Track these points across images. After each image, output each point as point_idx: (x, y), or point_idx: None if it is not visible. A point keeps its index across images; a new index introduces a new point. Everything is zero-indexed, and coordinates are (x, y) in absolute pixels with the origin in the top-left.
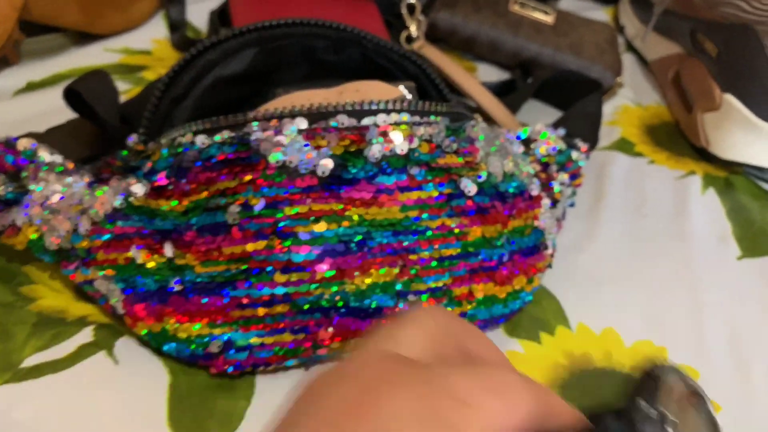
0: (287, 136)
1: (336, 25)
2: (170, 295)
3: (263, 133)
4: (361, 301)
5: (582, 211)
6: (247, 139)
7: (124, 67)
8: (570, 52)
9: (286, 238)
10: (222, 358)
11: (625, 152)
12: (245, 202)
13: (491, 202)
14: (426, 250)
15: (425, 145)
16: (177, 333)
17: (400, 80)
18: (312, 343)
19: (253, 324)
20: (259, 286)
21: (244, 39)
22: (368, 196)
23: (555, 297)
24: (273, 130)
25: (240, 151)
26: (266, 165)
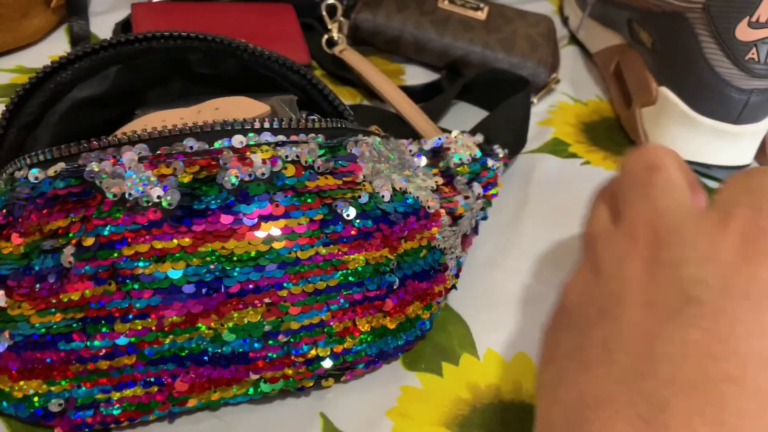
0: (126, 166)
1: (204, 35)
2: (1, 351)
3: (98, 164)
4: (220, 347)
5: (501, 223)
6: (80, 172)
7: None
8: (500, 49)
9: (125, 282)
10: (65, 417)
11: (556, 154)
12: (78, 242)
13: (376, 225)
14: (297, 284)
15: (291, 167)
16: (12, 392)
17: (285, 91)
18: (167, 396)
19: (96, 378)
20: (99, 337)
21: (100, 57)
22: (224, 228)
23: (464, 321)
24: (110, 159)
25: (72, 185)
26: (101, 200)
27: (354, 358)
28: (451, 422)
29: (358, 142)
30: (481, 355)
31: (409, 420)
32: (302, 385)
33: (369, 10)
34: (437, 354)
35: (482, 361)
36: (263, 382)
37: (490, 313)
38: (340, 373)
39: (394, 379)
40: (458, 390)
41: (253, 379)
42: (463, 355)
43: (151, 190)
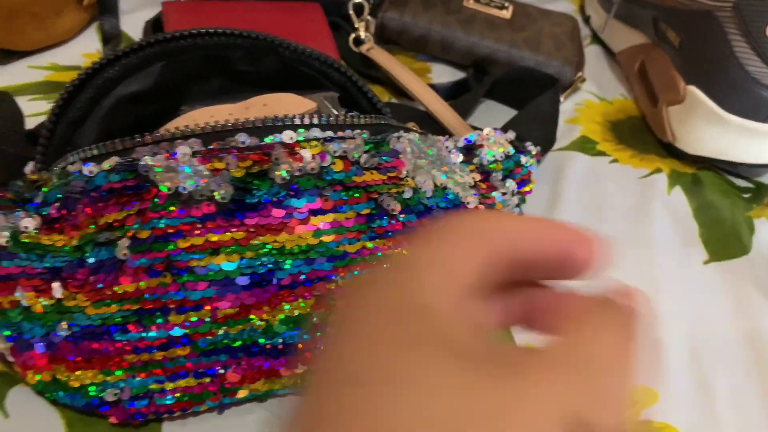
0: (179, 160)
1: (247, 33)
2: (58, 342)
3: (153, 158)
4: (271, 339)
5: None
6: (134, 165)
7: (51, 84)
8: (526, 48)
9: (181, 274)
10: (121, 407)
11: (585, 152)
12: (134, 235)
13: (419, 220)
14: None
15: (339, 162)
16: (70, 382)
17: (325, 89)
18: (219, 387)
19: (151, 369)
20: (154, 328)
21: (146, 53)
22: (276, 222)
23: None
24: (164, 154)
25: (127, 179)
26: (156, 193)
27: None
28: None
29: (400, 138)
30: None
31: None
32: None
33: (396, 8)
34: None
35: None
36: None
37: None
38: None
39: None
40: None
41: (301, 370)
42: None
43: (204, 184)
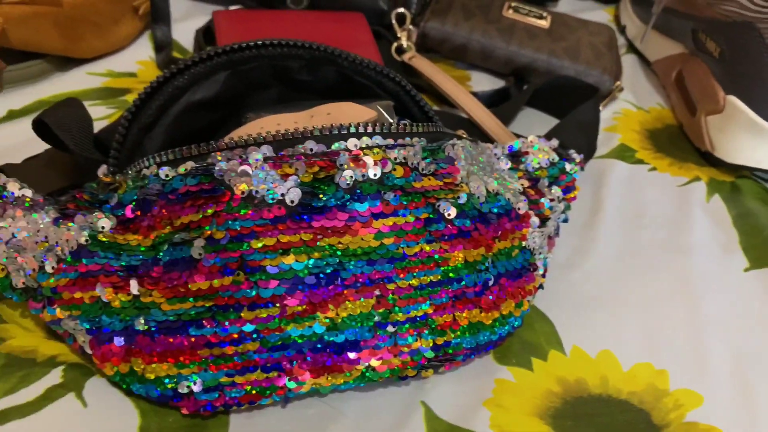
0: (252, 165)
1: (309, 44)
2: (136, 335)
3: (227, 163)
4: (335, 335)
5: (578, 225)
6: (210, 170)
7: (108, 90)
8: (566, 57)
9: (254, 273)
10: (193, 398)
11: (624, 160)
12: (210, 236)
13: (473, 225)
14: (404, 278)
15: (400, 168)
16: (145, 374)
17: (379, 98)
18: (286, 381)
19: (222, 363)
20: (227, 323)
21: (213, 63)
22: (340, 224)
23: (548, 319)
24: (237, 159)
25: (203, 182)
26: (231, 196)
27: (453, 350)
28: (544, 413)
29: (454, 145)
30: (567, 352)
31: (505, 410)
32: (405, 375)
33: (437, 18)
34: (526, 350)
35: (569, 357)
36: (371, 370)
37: (573, 313)
38: (440, 364)
39: (487, 372)
40: (548, 383)
41: (362, 366)
42: (550, 351)
43: (276, 188)
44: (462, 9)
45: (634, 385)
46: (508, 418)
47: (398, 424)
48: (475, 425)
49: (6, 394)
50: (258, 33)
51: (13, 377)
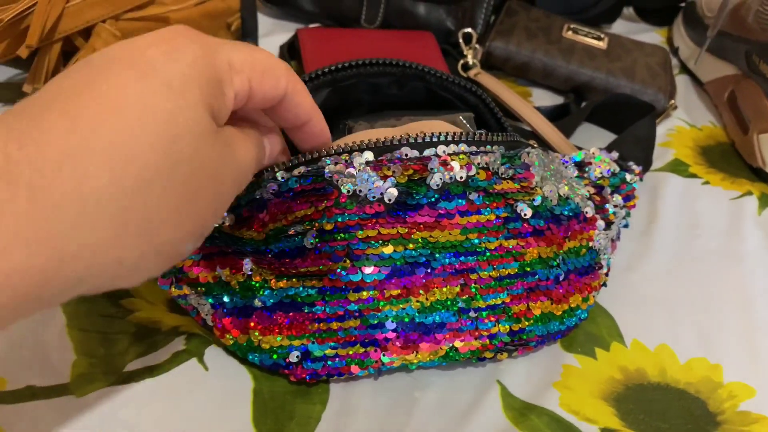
0: (356, 168)
1: (401, 62)
2: (254, 310)
3: (335, 166)
4: (425, 317)
5: (636, 232)
6: (321, 172)
7: None
8: (623, 76)
9: (358, 260)
10: (300, 367)
11: (678, 173)
12: (321, 227)
13: (547, 225)
14: (485, 270)
15: (482, 172)
16: (260, 344)
17: (459, 110)
18: (381, 355)
19: (327, 337)
20: (334, 302)
21: (319, 81)
22: (431, 220)
23: (610, 314)
24: (344, 163)
25: (316, 182)
26: (339, 194)
27: (527, 336)
28: (608, 397)
29: (529, 153)
30: (628, 344)
31: (572, 392)
32: (484, 356)
33: (502, 38)
34: (590, 340)
35: (629, 348)
36: (454, 350)
37: (632, 310)
38: (514, 348)
39: (555, 358)
40: (611, 371)
41: (446, 347)
42: (612, 343)
43: (376, 188)
44: (525, 30)
45: (691, 376)
46: (575, 399)
47: (477, 399)
48: (547, 403)
49: (138, 356)
50: (338, 49)
51: (143, 343)
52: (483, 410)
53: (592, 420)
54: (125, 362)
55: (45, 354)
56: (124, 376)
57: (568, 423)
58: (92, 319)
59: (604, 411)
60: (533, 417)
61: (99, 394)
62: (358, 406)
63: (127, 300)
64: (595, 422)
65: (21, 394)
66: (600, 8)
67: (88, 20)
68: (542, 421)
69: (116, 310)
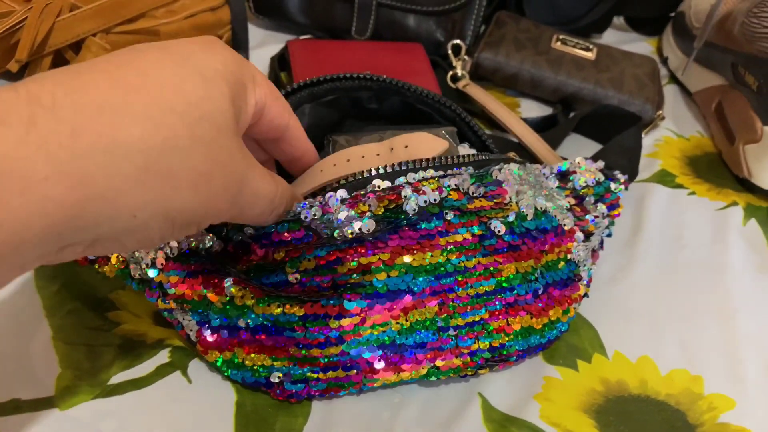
0: (333, 208)
1: (376, 77)
2: (238, 330)
3: (311, 211)
4: (405, 338)
5: (620, 242)
6: (298, 218)
7: None
8: (610, 87)
9: (341, 290)
10: (282, 387)
11: (664, 184)
12: (305, 269)
13: (522, 240)
14: (464, 288)
15: (454, 193)
16: (244, 362)
17: (439, 124)
18: (362, 378)
19: (308, 362)
20: (314, 329)
21: (297, 96)
22: (413, 242)
23: (592, 326)
24: (319, 205)
25: (293, 230)
26: (317, 239)
27: (507, 352)
28: (589, 408)
29: (501, 169)
30: (609, 356)
31: (553, 404)
32: (465, 374)
33: (490, 49)
34: (571, 352)
35: (611, 360)
36: (436, 369)
37: (615, 322)
38: (495, 364)
39: (537, 370)
40: (592, 383)
41: (428, 366)
42: (594, 355)
43: (354, 224)
44: (514, 41)
45: (671, 388)
46: (555, 411)
47: (458, 411)
48: (527, 415)
49: (124, 369)
50: (327, 61)
51: (128, 356)
52: (464, 422)
53: None
54: (110, 375)
55: (30, 367)
56: (108, 388)
57: None
58: (79, 332)
59: (585, 423)
60: (514, 429)
61: (83, 407)
62: (340, 419)
63: (113, 313)
64: None
65: (5, 407)
66: (590, 18)
67: (78, 34)
68: None
69: (102, 323)
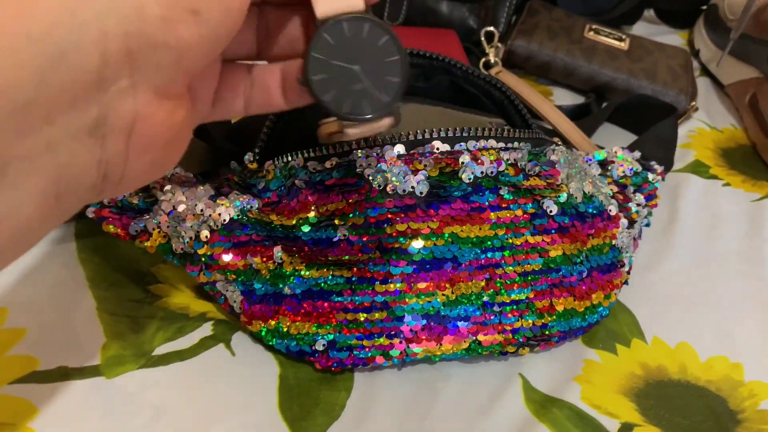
0: (388, 162)
1: (429, 54)
2: (284, 298)
3: (366, 160)
4: (450, 310)
5: (656, 231)
6: (353, 165)
7: None
8: (644, 77)
9: (388, 253)
10: (326, 355)
11: (699, 174)
12: (353, 223)
13: (571, 222)
14: (510, 265)
15: (511, 168)
16: (289, 331)
17: (485, 106)
18: (405, 347)
19: (354, 327)
20: (361, 293)
21: None
22: (463, 214)
23: (631, 312)
24: (375, 156)
25: (347, 176)
26: (369, 188)
27: (549, 332)
28: (629, 392)
29: (554, 150)
30: (648, 341)
31: (593, 386)
32: (506, 351)
33: (524, 37)
34: (610, 336)
35: (650, 345)
36: (477, 343)
37: (653, 308)
38: (536, 343)
39: (576, 353)
40: (632, 367)
41: (470, 340)
42: (633, 340)
43: (407, 182)
44: (547, 30)
45: (711, 374)
46: (596, 393)
47: (499, 391)
48: (568, 397)
49: (166, 341)
50: None
51: (171, 328)
52: (505, 402)
53: (613, 414)
54: (154, 346)
55: (75, 336)
56: (153, 359)
57: (589, 417)
58: (122, 303)
59: (625, 406)
60: (555, 410)
61: (129, 376)
62: (382, 394)
63: (155, 286)
64: (617, 417)
65: (53, 374)
66: (620, 10)
67: None
68: (564, 414)
69: (145, 296)
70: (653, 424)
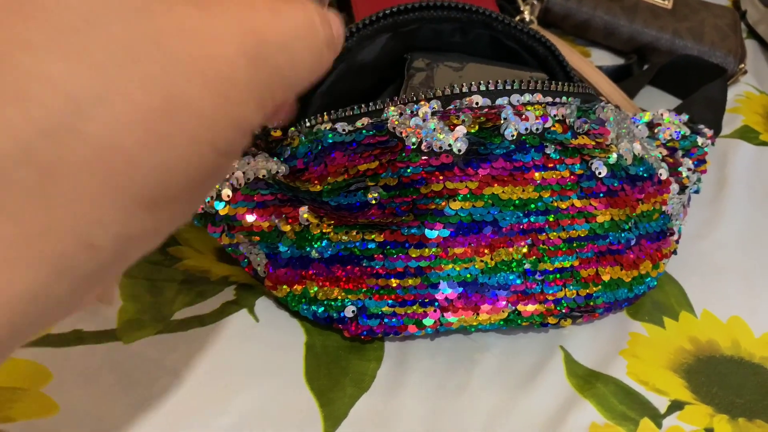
0: (422, 118)
1: (467, 6)
2: (311, 262)
3: (399, 118)
4: (488, 278)
5: (704, 198)
6: (384, 124)
7: None
8: (690, 37)
9: (423, 215)
10: (356, 323)
11: (748, 140)
12: (385, 184)
13: (621, 185)
14: (555, 230)
15: (558, 125)
16: (317, 296)
17: (527, 62)
18: (440, 316)
19: (385, 294)
20: (394, 258)
21: (379, 25)
22: (505, 173)
23: (678, 283)
24: (408, 114)
25: (379, 135)
26: (403, 147)
27: (594, 303)
28: (678, 368)
29: (604, 107)
30: (698, 314)
31: (640, 361)
32: (547, 322)
33: None
34: (657, 309)
35: (699, 319)
36: (517, 313)
37: (702, 279)
38: (579, 315)
39: (621, 326)
40: (680, 341)
41: (509, 309)
42: (681, 313)
43: (444, 138)
44: None
45: (767, 350)
46: (643, 368)
47: (539, 364)
48: (613, 371)
49: (187, 305)
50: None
51: (191, 292)
52: (546, 375)
53: (662, 391)
54: (173, 310)
55: None
56: (173, 324)
57: (636, 393)
58: (139, 265)
59: (674, 382)
60: (599, 385)
61: (147, 341)
62: (415, 365)
63: (174, 248)
64: (666, 394)
65: (68, 338)
66: None
67: None
68: (609, 390)
69: (163, 258)
70: (705, 403)
